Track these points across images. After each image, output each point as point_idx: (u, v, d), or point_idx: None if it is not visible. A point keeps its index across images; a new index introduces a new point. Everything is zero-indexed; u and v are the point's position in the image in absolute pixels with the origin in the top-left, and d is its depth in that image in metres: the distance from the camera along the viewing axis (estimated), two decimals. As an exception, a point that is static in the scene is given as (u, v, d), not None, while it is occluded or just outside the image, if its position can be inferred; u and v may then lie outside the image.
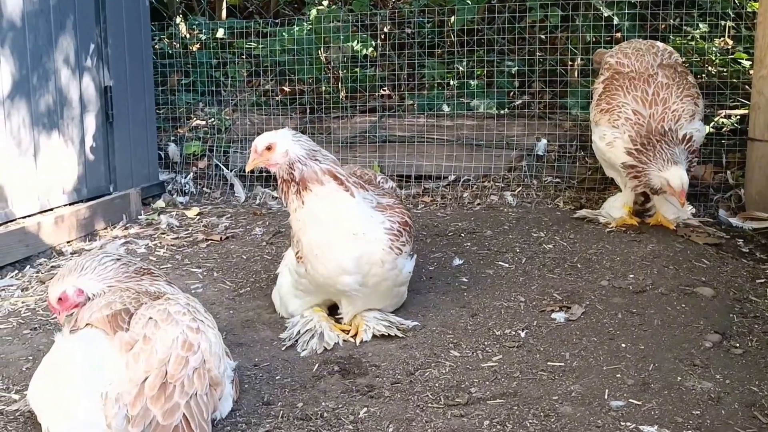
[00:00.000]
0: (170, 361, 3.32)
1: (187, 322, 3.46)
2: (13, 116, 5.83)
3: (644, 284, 4.95)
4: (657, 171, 5.53)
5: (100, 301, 3.62)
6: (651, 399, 3.68)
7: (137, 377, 3.29)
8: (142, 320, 3.45)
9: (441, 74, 7.85)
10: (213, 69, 8.15)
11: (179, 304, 3.55)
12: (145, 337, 3.37)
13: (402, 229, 4.37)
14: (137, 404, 3.25)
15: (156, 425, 3.23)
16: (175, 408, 3.26)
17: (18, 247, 5.70)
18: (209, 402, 3.40)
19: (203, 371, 3.39)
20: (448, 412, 3.66)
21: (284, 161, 4.19)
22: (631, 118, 5.68)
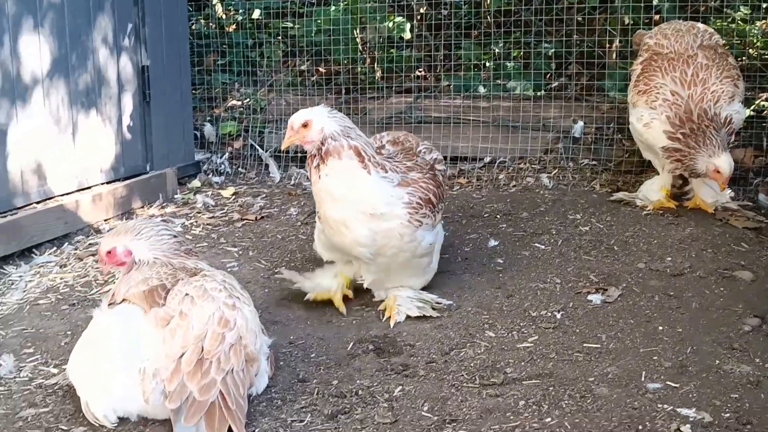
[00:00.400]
0: (206, 337, 3.35)
1: (223, 299, 3.48)
2: (52, 95, 5.87)
3: (682, 267, 4.90)
4: (706, 157, 5.48)
5: (137, 275, 3.65)
6: (689, 382, 3.65)
7: (174, 353, 3.32)
8: (179, 296, 3.47)
9: (477, 56, 7.79)
10: (249, 49, 8.15)
11: (215, 281, 3.57)
12: (181, 313, 3.40)
13: (422, 202, 4.33)
14: (174, 380, 3.28)
15: (192, 401, 3.26)
16: (212, 384, 3.29)
17: (56, 224, 5.76)
18: (245, 378, 3.43)
19: (239, 347, 3.42)
20: (484, 391, 3.66)
21: (319, 138, 4.20)
22: (669, 99, 5.61)
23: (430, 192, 4.42)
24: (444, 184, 4.71)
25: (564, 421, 3.38)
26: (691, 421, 3.34)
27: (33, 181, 5.75)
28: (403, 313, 4.45)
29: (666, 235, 5.40)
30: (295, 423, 3.46)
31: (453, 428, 3.37)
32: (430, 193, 4.41)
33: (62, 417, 3.57)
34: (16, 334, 4.43)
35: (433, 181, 4.47)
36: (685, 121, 5.51)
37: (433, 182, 4.47)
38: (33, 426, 3.52)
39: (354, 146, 4.19)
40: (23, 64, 5.60)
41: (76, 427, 3.49)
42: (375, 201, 4.23)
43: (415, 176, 4.41)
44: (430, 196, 4.41)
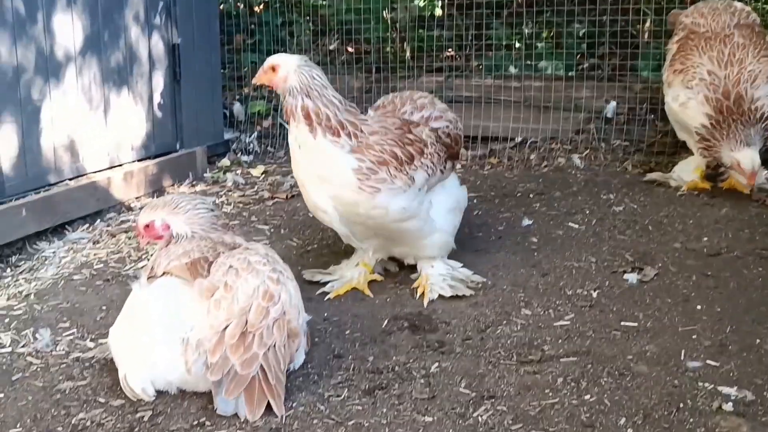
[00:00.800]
0: (251, 311, 3.34)
1: (267, 272, 3.46)
2: (85, 73, 5.88)
3: (718, 247, 4.85)
4: (729, 150, 5.45)
5: (177, 249, 3.65)
6: (729, 360, 3.61)
7: (218, 324, 3.32)
8: (223, 268, 3.46)
9: (508, 36, 7.73)
10: (278, 28, 8.13)
11: (259, 254, 3.56)
12: (226, 285, 3.39)
13: (376, 167, 4.14)
14: (217, 352, 3.28)
15: (234, 375, 3.26)
16: (254, 358, 3.29)
17: (89, 201, 5.78)
18: (286, 354, 3.43)
19: (283, 322, 3.41)
20: (521, 368, 3.64)
21: (282, 87, 4.16)
22: (706, 79, 5.54)
23: (388, 153, 4.18)
24: (442, 143, 4.53)
25: (603, 398, 3.35)
26: (733, 399, 3.30)
27: (66, 157, 5.77)
28: (435, 292, 4.42)
29: (701, 216, 5.35)
30: (332, 398, 3.45)
31: (491, 404, 3.35)
32: (388, 154, 4.18)
33: (100, 390, 3.58)
34: (52, 309, 4.45)
35: (398, 141, 4.25)
36: (723, 105, 5.44)
37: (399, 141, 4.25)
38: (71, 398, 3.53)
39: (305, 107, 4.09)
40: (56, 42, 5.61)
41: (114, 399, 3.50)
42: (321, 166, 4.17)
43: (375, 139, 4.19)
44: (386, 157, 4.16)
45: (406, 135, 4.32)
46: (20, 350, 3.99)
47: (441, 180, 4.54)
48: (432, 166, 4.38)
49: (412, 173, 4.26)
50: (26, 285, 4.78)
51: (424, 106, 4.67)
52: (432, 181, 4.43)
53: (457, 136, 4.74)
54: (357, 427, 3.23)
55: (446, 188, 4.63)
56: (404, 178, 4.22)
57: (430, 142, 4.41)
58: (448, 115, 4.74)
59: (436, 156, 4.41)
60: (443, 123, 4.66)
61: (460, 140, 4.80)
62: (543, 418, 3.24)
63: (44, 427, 3.33)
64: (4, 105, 5.22)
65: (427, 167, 4.35)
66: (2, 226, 5.04)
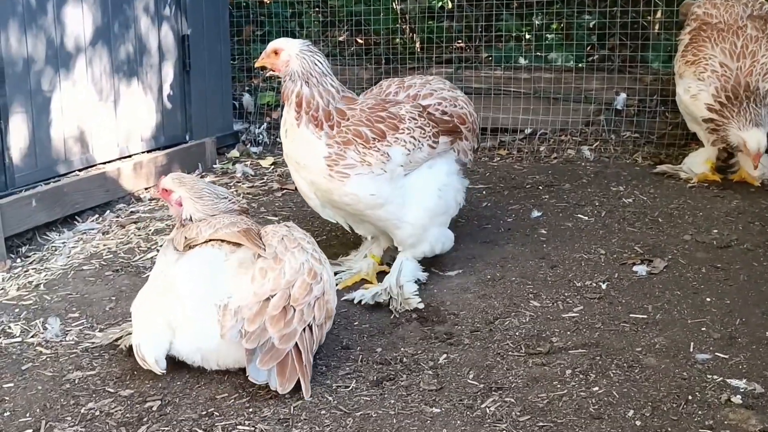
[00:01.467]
0: (295, 286, 3.35)
1: (311, 251, 3.49)
2: (95, 64, 5.88)
3: (729, 240, 4.83)
4: (736, 129, 5.42)
5: (222, 219, 3.65)
6: (738, 353, 3.60)
7: (262, 293, 3.32)
8: (277, 236, 3.49)
9: (517, 27, 7.70)
10: (287, 20, 8.12)
11: (301, 232, 3.61)
12: (276, 257, 3.40)
13: (343, 152, 4.14)
14: (256, 321, 3.28)
15: (271, 347, 3.27)
16: (293, 334, 3.31)
17: (98, 191, 5.79)
18: (320, 335, 3.47)
19: (323, 302, 3.44)
20: (530, 360, 3.63)
21: (284, 71, 4.19)
22: (718, 71, 5.52)
23: (352, 133, 4.17)
24: (434, 119, 4.46)
25: (612, 390, 3.35)
26: (742, 392, 3.29)
27: (76, 148, 5.78)
28: (367, 298, 4.31)
29: (711, 208, 5.33)
30: (340, 389, 3.45)
31: (499, 395, 3.35)
32: (352, 134, 4.16)
33: (109, 380, 3.60)
34: (61, 299, 4.47)
35: (366, 120, 4.21)
36: (732, 94, 5.42)
37: (367, 120, 4.21)
38: (80, 388, 3.55)
39: (300, 93, 4.15)
40: (66, 33, 5.61)
41: (123, 389, 3.51)
42: (299, 153, 4.24)
43: (345, 123, 4.19)
44: (350, 137, 4.16)
45: (377, 113, 4.28)
46: (30, 340, 4.01)
47: (429, 158, 4.41)
48: (412, 140, 4.30)
49: (386, 149, 4.22)
50: (36, 275, 4.79)
51: (411, 86, 4.66)
52: (416, 157, 4.34)
53: (458, 114, 4.63)
54: (365, 418, 3.23)
55: (430, 173, 4.45)
56: (376, 155, 4.19)
57: (409, 116, 4.34)
58: (443, 94, 4.67)
59: (418, 130, 4.33)
60: (434, 100, 4.61)
61: (466, 118, 4.68)
62: (551, 410, 3.23)
63: (54, 417, 3.34)
64: (14, 96, 5.24)
65: (405, 142, 4.27)
66: (12, 216, 5.05)
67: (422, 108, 4.47)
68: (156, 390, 3.48)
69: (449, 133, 4.54)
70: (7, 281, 4.74)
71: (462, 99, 4.75)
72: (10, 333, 4.09)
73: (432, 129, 4.42)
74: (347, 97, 4.28)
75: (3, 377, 3.67)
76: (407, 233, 4.42)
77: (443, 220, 4.53)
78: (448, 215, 4.56)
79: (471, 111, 4.77)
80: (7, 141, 5.20)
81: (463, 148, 4.68)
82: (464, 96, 4.82)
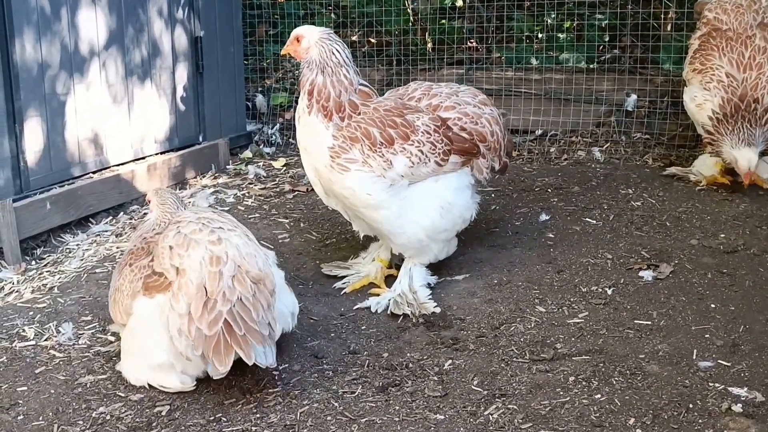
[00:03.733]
0: (207, 282, 3.40)
1: (206, 238, 3.52)
2: (109, 67, 5.95)
3: (736, 244, 4.85)
4: (729, 147, 5.47)
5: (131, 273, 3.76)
6: (741, 361, 3.63)
7: (185, 311, 3.40)
8: (166, 252, 3.55)
9: (529, 27, 7.72)
10: (300, 20, 8.16)
11: (191, 222, 3.62)
12: (177, 270, 3.47)
13: (347, 146, 4.19)
14: (191, 329, 3.37)
15: (204, 338, 3.34)
16: (218, 317, 3.36)
17: (112, 193, 5.87)
18: (258, 300, 3.46)
19: (241, 276, 3.46)
20: (533, 366, 3.68)
21: (304, 58, 4.26)
22: (724, 81, 5.53)
23: (362, 131, 4.20)
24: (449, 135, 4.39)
25: (614, 397, 3.39)
26: (743, 400, 3.33)
27: (90, 151, 5.86)
28: (381, 306, 4.36)
29: (720, 211, 5.35)
30: (346, 394, 3.51)
31: (502, 402, 3.40)
32: (361, 132, 4.20)
33: (120, 384, 3.67)
34: (75, 302, 4.55)
35: (379, 121, 4.24)
36: (732, 109, 5.44)
37: (380, 121, 4.24)
38: (91, 392, 3.62)
39: (314, 82, 4.21)
40: (80, 37, 5.68)
41: (133, 394, 3.58)
42: (307, 140, 4.32)
43: (357, 118, 4.24)
44: (359, 134, 4.19)
45: (393, 117, 4.28)
46: (43, 343, 4.09)
47: (434, 174, 4.38)
48: (419, 154, 4.28)
49: (390, 156, 4.23)
50: (50, 278, 4.87)
51: (436, 95, 4.60)
52: (420, 171, 4.32)
53: (479, 131, 4.54)
54: (369, 425, 3.29)
55: (435, 188, 4.42)
56: (379, 160, 4.21)
57: (424, 129, 4.33)
58: (467, 109, 4.56)
59: (429, 145, 4.31)
60: (455, 114, 4.52)
61: (487, 137, 4.57)
62: (553, 418, 3.28)
63: (65, 420, 3.42)
64: (29, 100, 5.31)
65: (411, 154, 4.27)
66: (27, 219, 5.14)
67: (441, 121, 4.43)
68: (165, 395, 3.56)
69: (463, 153, 4.47)
70: (22, 284, 4.82)
71: (487, 117, 4.61)
72: (24, 336, 4.17)
73: (444, 146, 4.37)
74: (363, 92, 4.30)
75: (17, 380, 3.75)
76: (401, 243, 4.45)
77: (445, 236, 4.50)
78: (450, 232, 4.52)
79: (496, 130, 4.62)
80: (22, 144, 5.28)
81: (479, 166, 4.58)
82: (493, 113, 4.67)
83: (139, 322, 3.60)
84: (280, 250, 5.05)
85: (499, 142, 4.65)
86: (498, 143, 4.64)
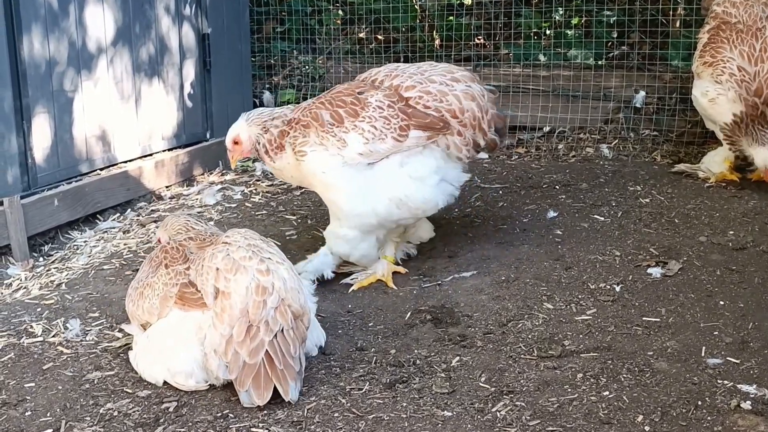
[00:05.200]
0: (250, 308, 3.42)
1: (255, 266, 3.52)
2: (116, 64, 5.96)
3: (745, 241, 4.83)
4: (747, 145, 5.50)
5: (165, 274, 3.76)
6: (750, 358, 3.61)
7: (226, 333, 3.41)
8: (211, 272, 3.55)
9: (537, 23, 7.70)
10: (308, 17, 8.16)
11: (242, 248, 3.61)
12: (222, 293, 3.47)
13: (304, 133, 4.40)
14: (228, 351, 3.39)
15: (244, 365, 3.37)
16: (260, 346, 3.39)
17: (119, 190, 5.88)
18: (296, 336, 3.50)
19: (283, 308, 3.47)
20: (541, 363, 3.66)
21: (251, 150, 4.60)
22: (736, 75, 5.50)
23: (312, 116, 4.41)
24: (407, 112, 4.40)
25: (622, 395, 3.38)
26: (752, 397, 3.31)
27: (97, 148, 5.87)
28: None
29: (729, 208, 5.33)
30: (353, 391, 3.50)
31: (510, 399, 3.39)
32: (311, 116, 4.41)
33: (127, 380, 3.67)
34: (82, 299, 4.55)
35: (327, 102, 4.42)
36: (751, 102, 5.42)
37: (329, 103, 4.42)
38: (99, 388, 3.62)
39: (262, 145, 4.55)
40: (88, 34, 5.69)
41: (141, 390, 3.58)
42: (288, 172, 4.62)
43: (305, 105, 4.55)
44: (309, 120, 4.41)
45: (342, 98, 4.40)
46: (51, 339, 4.10)
47: (396, 151, 4.40)
48: (372, 130, 4.33)
49: (343, 135, 4.32)
50: (58, 274, 4.88)
51: (398, 75, 4.57)
52: (378, 148, 4.35)
53: (447, 109, 4.47)
54: (377, 421, 3.28)
55: (398, 174, 4.44)
56: (332, 140, 4.33)
57: (376, 105, 4.36)
58: (430, 87, 4.50)
59: (381, 120, 4.34)
60: (416, 93, 4.48)
61: (459, 114, 4.49)
62: (561, 414, 3.27)
63: (73, 416, 3.42)
64: (36, 97, 5.32)
65: (363, 130, 4.33)
66: (35, 215, 5.15)
67: (399, 97, 4.42)
68: (172, 391, 3.55)
69: (425, 128, 4.43)
70: (30, 280, 4.83)
71: (457, 94, 4.51)
72: (32, 332, 4.17)
73: (400, 121, 4.37)
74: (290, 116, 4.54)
75: (25, 376, 3.75)
76: (334, 232, 4.61)
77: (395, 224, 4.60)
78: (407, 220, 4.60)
79: (470, 106, 4.51)
80: (30, 141, 5.29)
81: (456, 144, 4.52)
82: (469, 89, 4.55)
83: (170, 330, 3.60)
84: (287, 246, 5.05)
85: (477, 118, 4.55)
86: (474, 119, 4.54)
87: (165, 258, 3.79)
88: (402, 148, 4.39)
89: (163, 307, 3.64)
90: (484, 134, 4.60)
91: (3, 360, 3.90)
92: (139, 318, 3.76)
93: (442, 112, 4.47)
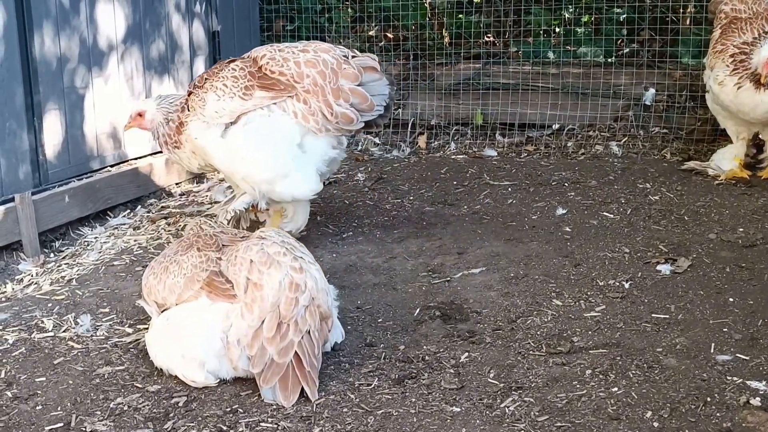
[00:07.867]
0: (281, 304, 3.43)
1: (289, 263, 3.53)
2: (127, 61, 5.98)
3: (754, 238, 4.82)
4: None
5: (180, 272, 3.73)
6: (759, 354, 3.61)
7: (255, 324, 3.42)
8: (245, 264, 3.54)
9: (547, 21, 7.70)
10: (317, 15, 8.17)
11: (276, 244, 3.62)
12: (254, 284, 3.47)
13: (184, 105, 4.93)
14: (255, 345, 3.41)
15: (271, 363, 3.38)
16: (290, 346, 3.40)
17: (130, 187, 5.90)
18: (320, 337, 3.53)
19: (313, 308, 3.50)
20: (550, 360, 3.67)
21: (150, 127, 5.04)
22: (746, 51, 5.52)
23: (191, 87, 4.98)
24: (254, 73, 4.81)
25: (631, 391, 3.38)
26: (761, 394, 3.30)
27: (108, 144, 5.89)
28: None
29: (738, 206, 5.32)
30: (362, 386, 3.51)
31: (519, 395, 3.39)
32: (192, 87, 4.96)
33: (137, 375, 3.69)
34: (93, 294, 4.57)
35: (202, 77, 4.95)
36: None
37: (201, 77, 4.95)
38: (109, 383, 3.64)
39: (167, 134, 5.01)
40: (99, 31, 5.72)
41: (151, 385, 3.60)
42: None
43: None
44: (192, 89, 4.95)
45: (210, 70, 5.02)
46: (62, 335, 4.11)
47: (246, 109, 4.78)
48: (223, 88, 4.78)
49: (203, 95, 4.83)
50: (69, 270, 4.91)
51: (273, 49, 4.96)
52: (228, 105, 4.76)
53: (290, 73, 4.77)
54: (386, 417, 3.29)
55: (241, 132, 4.82)
56: (198, 101, 4.84)
57: (231, 68, 4.85)
58: (276, 54, 4.84)
59: (231, 80, 4.78)
60: (266, 60, 4.84)
61: (301, 79, 4.77)
62: (570, 410, 3.27)
63: (84, 411, 3.44)
64: (48, 94, 5.34)
65: (216, 88, 4.79)
66: (46, 212, 5.17)
67: (254, 64, 4.86)
68: (182, 386, 3.56)
69: (267, 89, 4.78)
70: (41, 276, 4.86)
71: (297, 60, 4.80)
72: (43, 327, 4.19)
73: (246, 81, 4.78)
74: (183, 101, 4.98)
75: (36, 371, 3.77)
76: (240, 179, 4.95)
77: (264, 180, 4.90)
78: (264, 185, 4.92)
79: (309, 72, 4.78)
80: (41, 138, 5.31)
81: (302, 112, 4.80)
82: (313, 57, 4.82)
83: (192, 316, 3.58)
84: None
85: (319, 86, 4.78)
86: (317, 86, 4.78)
87: (197, 242, 3.77)
88: (248, 106, 4.78)
89: (186, 288, 3.61)
90: (329, 105, 4.79)
91: (14, 354, 3.93)
92: (157, 294, 3.72)
93: (286, 75, 4.79)
